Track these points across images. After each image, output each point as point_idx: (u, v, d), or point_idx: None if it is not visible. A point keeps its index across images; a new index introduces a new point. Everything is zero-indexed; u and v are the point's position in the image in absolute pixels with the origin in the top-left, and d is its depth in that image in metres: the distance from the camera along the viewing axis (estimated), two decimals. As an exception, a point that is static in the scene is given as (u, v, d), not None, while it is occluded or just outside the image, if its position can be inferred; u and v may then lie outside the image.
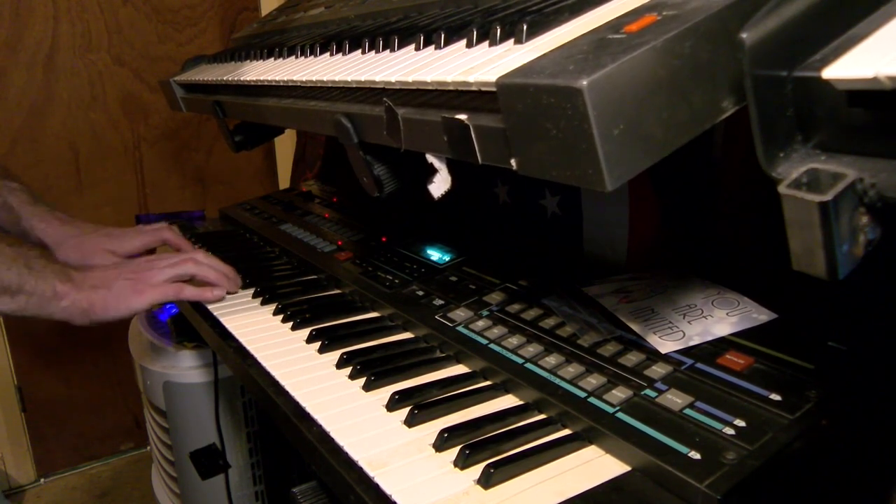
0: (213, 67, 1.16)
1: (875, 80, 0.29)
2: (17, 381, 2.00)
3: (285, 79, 0.79)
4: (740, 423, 0.54)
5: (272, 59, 0.94)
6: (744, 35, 0.34)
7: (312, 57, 0.82)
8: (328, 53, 0.79)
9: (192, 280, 0.99)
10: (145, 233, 1.13)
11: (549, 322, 0.75)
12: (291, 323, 0.88)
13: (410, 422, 0.64)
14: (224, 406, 1.32)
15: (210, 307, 0.97)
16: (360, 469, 0.58)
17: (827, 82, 0.32)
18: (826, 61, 0.33)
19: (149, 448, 1.91)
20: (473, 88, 0.47)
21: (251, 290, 1.01)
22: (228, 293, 1.00)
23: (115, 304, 0.91)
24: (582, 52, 0.40)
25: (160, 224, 1.16)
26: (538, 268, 0.90)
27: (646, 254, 0.84)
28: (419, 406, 0.65)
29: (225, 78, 0.99)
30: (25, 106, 1.87)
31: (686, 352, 0.65)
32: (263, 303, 0.96)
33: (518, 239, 1.02)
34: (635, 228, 0.84)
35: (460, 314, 0.81)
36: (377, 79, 0.60)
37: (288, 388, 0.72)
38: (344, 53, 0.76)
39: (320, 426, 0.65)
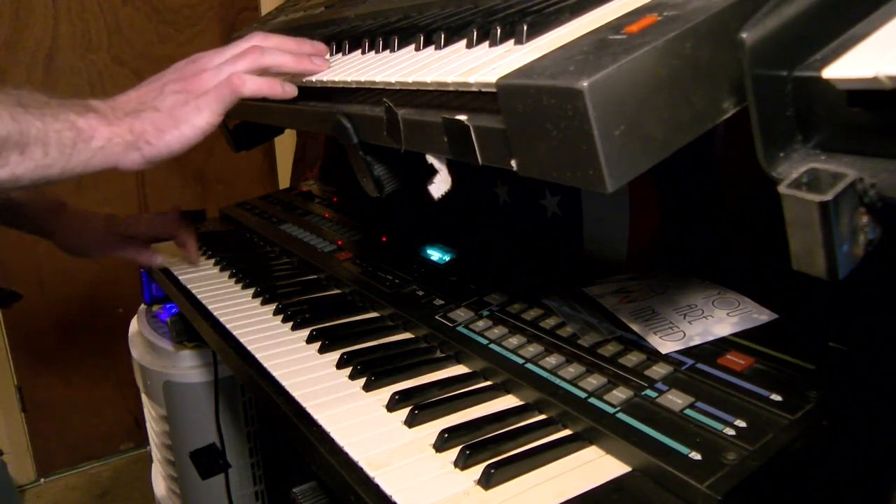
0: (213, 67, 1.16)
1: (875, 79, 0.29)
2: (17, 381, 2.00)
3: (285, 79, 0.78)
4: (741, 423, 0.54)
5: (272, 59, 0.94)
6: (744, 35, 0.34)
7: (312, 57, 0.82)
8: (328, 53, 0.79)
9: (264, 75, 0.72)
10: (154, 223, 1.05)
11: (549, 322, 0.75)
12: (292, 323, 0.88)
13: (411, 422, 0.64)
14: (224, 406, 1.32)
15: (210, 307, 0.97)
16: (361, 469, 0.58)
17: (827, 82, 0.32)
18: (826, 61, 0.33)
19: (149, 448, 1.90)
20: (474, 89, 0.47)
21: (251, 290, 1.01)
22: (313, 77, 0.72)
23: (173, 125, 0.67)
24: (582, 52, 0.40)
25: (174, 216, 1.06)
26: (538, 268, 0.90)
27: (646, 254, 0.84)
28: (419, 406, 0.65)
29: (225, 78, 0.99)
30: (25, 106, 1.87)
31: (686, 352, 0.65)
32: (263, 303, 0.96)
33: (518, 239, 1.02)
34: (635, 228, 0.84)
35: (460, 314, 0.81)
36: (377, 79, 0.60)
37: (288, 388, 0.72)
38: (344, 53, 0.76)
39: (320, 426, 0.65)
